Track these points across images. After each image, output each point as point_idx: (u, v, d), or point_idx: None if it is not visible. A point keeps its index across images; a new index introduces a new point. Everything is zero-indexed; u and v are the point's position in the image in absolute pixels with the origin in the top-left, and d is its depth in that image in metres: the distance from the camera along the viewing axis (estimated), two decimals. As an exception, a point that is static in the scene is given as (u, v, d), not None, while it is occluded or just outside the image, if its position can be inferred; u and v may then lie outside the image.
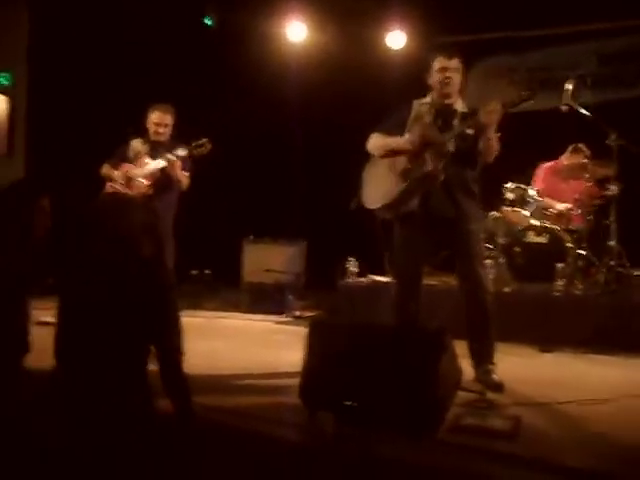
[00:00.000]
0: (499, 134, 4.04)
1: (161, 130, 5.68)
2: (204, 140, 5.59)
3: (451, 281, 5.47)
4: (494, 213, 6.58)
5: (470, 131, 4.02)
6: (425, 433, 3.00)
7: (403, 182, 4.10)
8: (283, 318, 6.83)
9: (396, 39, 8.42)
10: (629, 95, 8.12)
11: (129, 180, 5.64)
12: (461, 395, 3.62)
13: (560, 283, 5.90)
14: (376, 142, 4.36)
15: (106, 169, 5.83)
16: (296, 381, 3.42)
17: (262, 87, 8.39)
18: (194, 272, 8.08)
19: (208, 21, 8.81)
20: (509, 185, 6.50)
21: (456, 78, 4.18)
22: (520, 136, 6.41)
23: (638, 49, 8.18)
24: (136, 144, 5.76)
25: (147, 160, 5.65)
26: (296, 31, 8.44)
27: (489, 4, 7.74)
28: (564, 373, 4.71)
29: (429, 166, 3.99)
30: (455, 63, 4.18)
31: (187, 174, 5.64)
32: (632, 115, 7.27)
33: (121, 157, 5.78)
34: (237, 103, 8.49)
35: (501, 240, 6.40)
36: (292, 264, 7.50)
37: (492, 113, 3.87)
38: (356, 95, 8.13)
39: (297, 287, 7.36)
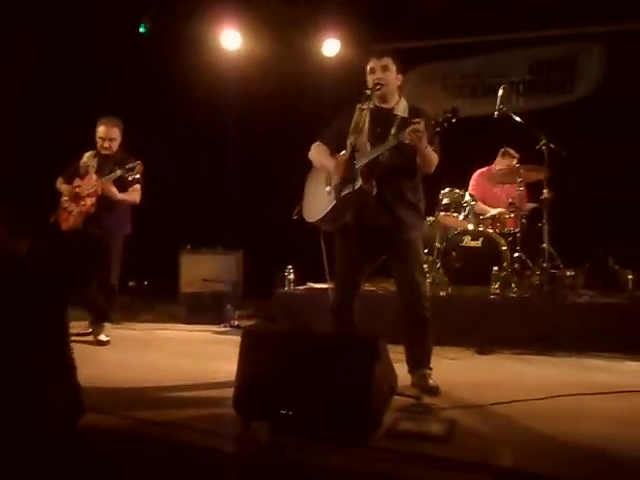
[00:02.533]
0: (432, 147, 4.02)
1: (106, 144, 5.81)
2: (136, 163, 5.71)
3: (390, 287, 5.49)
4: (430, 218, 6.65)
5: (407, 141, 3.94)
6: (360, 440, 2.98)
7: (336, 197, 4.05)
8: (221, 328, 6.74)
9: (331, 47, 8.44)
10: (559, 102, 8.31)
11: (76, 196, 5.76)
12: (397, 400, 3.63)
13: (496, 286, 5.99)
14: (314, 154, 4.35)
15: (58, 183, 5.94)
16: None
17: (197, 96, 8.32)
18: (131, 284, 7.95)
19: (142, 29, 8.69)
20: (445, 190, 6.57)
21: (389, 78, 4.16)
22: (455, 142, 6.50)
23: (567, 57, 8.39)
24: (86, 158, 5.88)
25: (94, 176, 5.76)
26: (230, 39, 8.40)
27: (423, 12, 7.81)
28: (500, 375, 4.77)
29: (358, 184, 3.95)
30: (385, 62, 4.16)
31: (138, 187, 5.82)
32: (562, 121, 7.44)
33: (73, 170, 5.87)
34: (172, 112, 8.40)
35: (438, 245, 6.47)
36: (229, 273, 7.44)
37: (415, 133, 3.81)
38: (293, 103, 8.14)
39: (235, 296, 7.29)
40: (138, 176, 5.72)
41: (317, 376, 3.10)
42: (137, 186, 5.85)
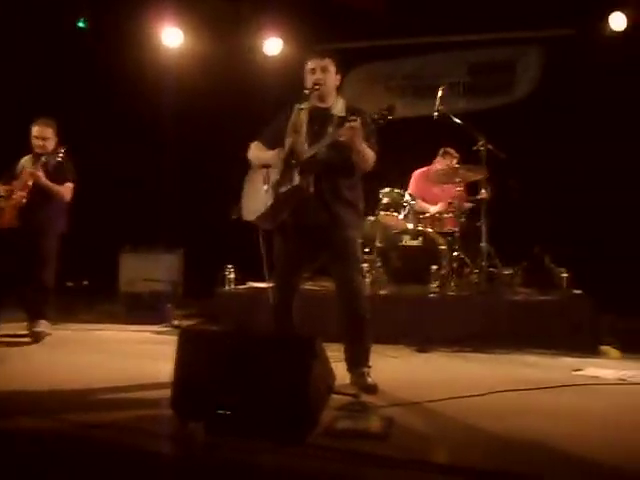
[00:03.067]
0: (367, 143, 4.04)
1: (40, 143, 5.85)
2: (61, 148, 5.78)
3: (331, 286, 5.51)
4: (371, 218, 6.70)
5: (344, 139, 3.97)
6: (297, 438, 2.98)
7: (273, 195, 4.07)
8: (161, 328, 6.67)
9: (273, 46, 8.43)
10: (498, 103, 8.46)
11: (10, 193, 5.78)
12: (336, 399, 3.63)
13: (435, 285, 6.07)
14: (253, 152, 4.35)
15: None
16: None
17: (138, 93, 8.22)
18: (70, 284, 7.82)
19: (81, 24, 8.54)
20: (385, 190, 6.62)
21: (328, 78, 4.18)
22: (396, 142, 6.57)
23: (506, 60, 8.54)
24: (23, 160, 5.95)
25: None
26: (172, 36, 8.31)
27: (366, 12, 7.86)
28: (438, 372, 4.83)
29: (296, 180, 3.97)
30: (325, 63, 4.18)
31: (70, 185, 5.84)
32: (501, 122, 7.57)
33: (10, 174, 5.91)
34: (112, 109, 8.29)
35: (378, 244, 6.52)
36: (170, 273, 7.38)
37: (351, 130, 3.84)
38: (234, 101, 8.10)
39: (175, 296, 7.24)
40: (60, 159, 5.75)
41: (254, 375, 3.08)
42: (69, 184, 5.85)
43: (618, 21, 7.33)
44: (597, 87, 7.37)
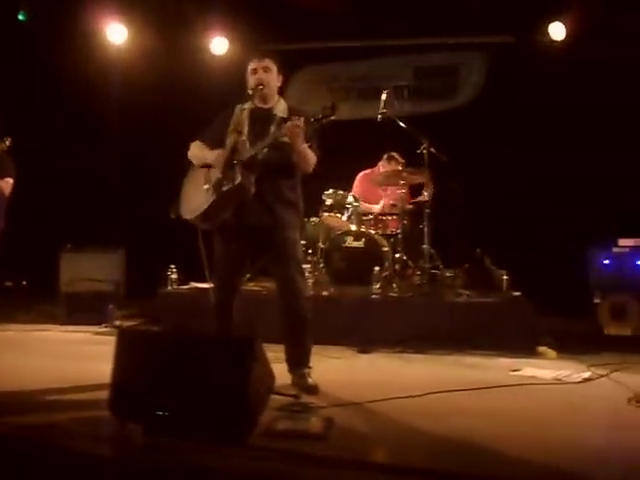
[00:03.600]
0: (309, 144, 4.06)
1: None
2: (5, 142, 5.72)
3: (273, 287, 5.51)
4: (314, 219, 6.72)
5: (285, 139, 3.99)
6: (237, 439, 2.97)
7: (214, 194, 4.05)
8: (103, 328, 6.58)
9: (219, 45, 8.39)
10: (442, 107, 8.56)
11: None
12: (276, 399, 3.63)
13: (377, 286, 6.11)
14: (194, 151, 4.33)
15: None
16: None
17: (81, 89, 8.10)
18: (8, 284, 7.65)
19: (22, 16, 8.36)
20: (328, 191, 6.65)
21: (270, 79, 4.19)
22: (340, 144, 6.61)
23: (450, 65, 8.66)
24: None
25: None
26: (116, 33, 8.19)
27: (313, 13, 7.88)
28: (379, 373, 4.88)
29: (237, 180, 3.96)
30: (267, 63, 4.19)
31: (10, 180, 5.82)
32: (444, 126, 7.67)
33: None
34: (54, 105, 8.14)
35: (321, 245, 6.54)
36: (111, 273, 7.25)
37: (294, 128, 3.86)
38: (178, 100, 8.03)
39: (117, 296, 7.13)
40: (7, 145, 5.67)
41: (193, 376, 3.07)
42: (9, 179, 5.73)
43: (557, 31, 7.49)
44: (537, 94, 7.54)
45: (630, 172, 6.61)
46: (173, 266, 6.58)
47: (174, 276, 6.54)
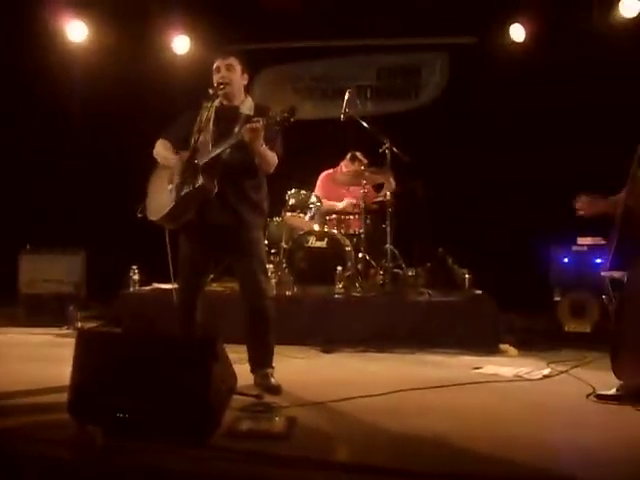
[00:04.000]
0: (270, 145, 4.04)
1: None
2: None
3: (236, 287, 5.49)
4: (277, 219, 6.72)
5: (245, 139, 3.94)
6: (199, 440, 2.96)
7: (177, 195, 4.03)
8: (64, 330, 6.50)
9: (182, 44, 8.32)
10: (404, 107, 8.61)
11: None
12: (239, 400, 3.63)
13: (340, 286, 6.12)
14: (159, 149, 4.29)
15: None
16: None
17: (41, 89, 7.97)
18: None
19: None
20: (291, 191, 6.64)
21: (234, 77, 4.17)
22: (303, 143, 6.61)
23: (412, 65, 8.71)
24: None
25: None
26: (76, 30, 8.07)
27: (277, 14, 7.88)
28: (342, 372, 4.88)
29: (199, 182, 3.93)
30: (230, 62, 4.17)
31: None
32: (407, 126, 7.73)
33: None
34: (14, 104, 8.01)
35: (283, 245, 6.54)
36: (72, 274, 7.17)
37: (252, 130, 3.84)
38: (141, 99, 7.96)
39: (78, 298, 7.05)
40: None
41: (154, 378, 3.04)
42: None
43: (518, 32, 7.57)
44: (498, 95, 7.62)
45: (589, 172, 6.70)
46: (135, 267, 6.52)
47: (136, 277, 6.47)
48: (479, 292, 6.35)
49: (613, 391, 3.91)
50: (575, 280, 6.23)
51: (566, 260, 6.35)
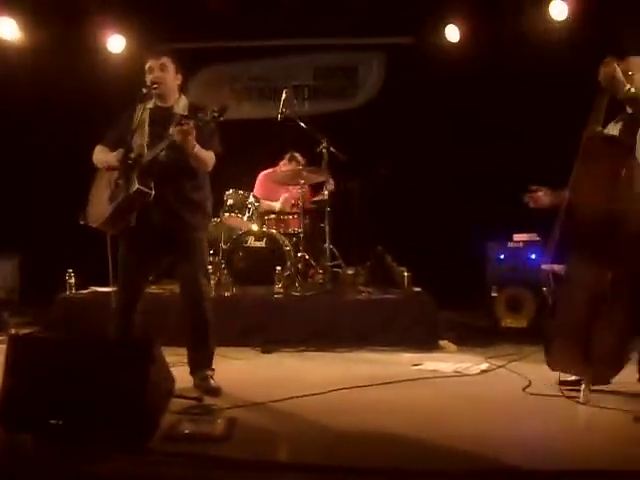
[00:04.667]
0: (208, 145, 4.01)
1: None
2: None
3: (177, 289, 5.42)
4: (215, 219, 6.65)
5: (177, 140, 3.87)
6: (136, 444, 2.91)
7: (115, 200, 3.96)
8: (-3, 337, 6.33)
9: (117, 43, 8.18)
10: (342, 107, 8.66)
11: None
12: (179, 403, 3.60)
13: (279, 285, 6.09)
14: (97, 156, 4.22)
15: None
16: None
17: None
18: None
19: None
20: (229, 191, 6.60)
21: (167, 77, 4.11)
22: (241, 143, 6.58)
23: (349, 65, 8.76)
24: None
25: None
26: (6, 28, 7.84)
27: (214, 13, 7.82)
28: (282, 372, 4.87)
29: (134, 187, 3.86)
30: (163, 61, 4.11)
31: None
32: (345, 126, 7.77)
33: None
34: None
35: (222, 245, 6.49)
36: (5, 279, 7.01)
37: (182, 132, 3.79)
38: (76, 100, 7.77)
39: (12, 303, 6.89)
40: None
41: (89, 382, 2.97)
42: None
43: (452, 33, 7.68)
44: (434, 94, 7.72)
45: (524, 169, 6.82)
46: (71, 270, 6.37)
47: (72, 280, 6.33)
48: (418, 290, 6.39)
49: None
50: (511, 276, 6.34)
51: (502, 256, 6.45)
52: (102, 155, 4.18)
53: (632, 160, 3.76)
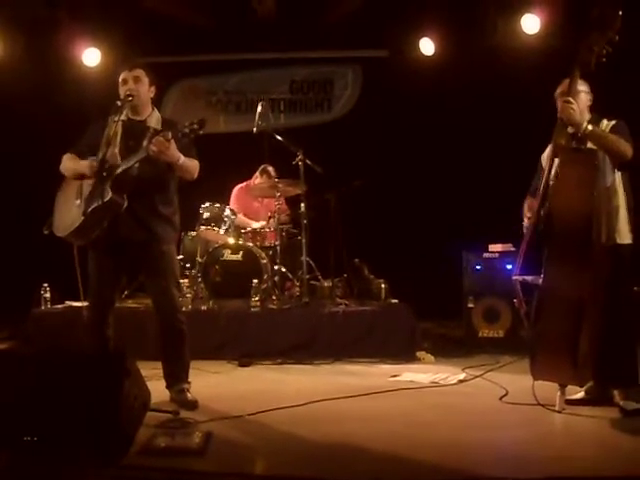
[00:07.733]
0: (179, 157, 3.97)
1: None
2: None
3: (151, 304, 5.39)
4: (191, 232, 6.64)
5: (152, 153, 3.85)
6: (111, 459, 2.88)
7: (86, 210, 3.90)
8: (-30, 353, 6.24)
9: (91, 56, 8.14)
10: (317, 120, 8.70)
11: None
12: (154, 416, 3.57)
13: (256, 298, 6.07)
14: (66, 164, 4.17)
15: None
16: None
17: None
18: None
19: None
20: (205, 205, 6.58)
21: (141, 89, 4.09)
22: (217, 157, 6.57)
23: (324, 78, 8.81)
24: None
25: None
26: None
27: (191, 27, 7.83)
28: (260, 385, 4.85)
29: (108, 196, 3.84)
30: (137, 74, 4.10)
31: None
32: (320, 138, 7.79)
33: None
34: None
35: (198, 259, 6.45)
36: (-22, 293, 6.92)
37: (160, 144, 3.79)
38: (49, 111, 7.72)
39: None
40: None
41: (63, 397, 2.94)
42: None
43: (427, 46, 7.73)
44: (409, 106, 7.78)
45: (498, 181, 6.87)
46: (46, 284, 6.31)
47: (47, 295, 6.26)
48: (395, 301, 6.41)
49: (581, 395, 3.99)
50: (487, 286, 6.35)
51: (478, 267, 6.47)
52: (71, 163, 4.14)
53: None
